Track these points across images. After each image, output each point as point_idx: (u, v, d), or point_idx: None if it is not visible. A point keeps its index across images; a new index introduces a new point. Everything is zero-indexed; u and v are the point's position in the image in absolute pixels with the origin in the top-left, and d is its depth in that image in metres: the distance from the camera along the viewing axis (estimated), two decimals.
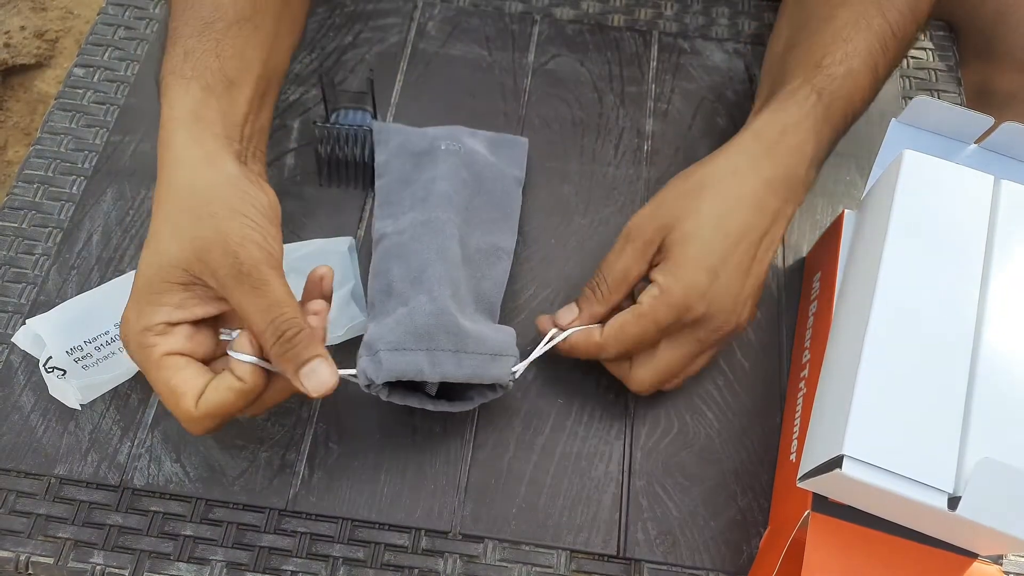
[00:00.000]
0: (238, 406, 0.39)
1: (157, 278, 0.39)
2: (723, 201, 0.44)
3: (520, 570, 0.45)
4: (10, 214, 0.54)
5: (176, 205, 0.40)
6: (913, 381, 0.37)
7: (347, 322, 0.48)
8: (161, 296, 0.39)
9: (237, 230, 0.39)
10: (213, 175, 0.41)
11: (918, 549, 0.39)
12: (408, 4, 0.64)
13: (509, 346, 0.44)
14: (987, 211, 0.41)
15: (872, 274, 0.40)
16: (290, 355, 0.38)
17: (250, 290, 0.38)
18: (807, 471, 0.39)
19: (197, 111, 0.42)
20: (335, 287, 0.49)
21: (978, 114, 0.46)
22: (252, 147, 0.45)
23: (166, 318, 0.39)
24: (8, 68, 1.35)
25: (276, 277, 0.39)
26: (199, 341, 0.40)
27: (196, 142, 0.41)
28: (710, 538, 0.46)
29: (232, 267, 0.38)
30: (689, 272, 0.43)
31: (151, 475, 0.46)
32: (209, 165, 0.41)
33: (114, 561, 0.44)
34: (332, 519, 0.45)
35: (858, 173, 0.57)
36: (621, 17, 0.64)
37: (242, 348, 0.39)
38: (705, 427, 0.49)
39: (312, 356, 0.38)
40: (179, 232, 0.39)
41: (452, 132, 0.54)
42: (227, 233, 0.38)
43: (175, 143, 0.41)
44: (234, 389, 0.38)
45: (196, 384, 0.38)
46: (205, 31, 0.44)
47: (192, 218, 0.39)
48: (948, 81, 0.62)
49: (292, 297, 0.39)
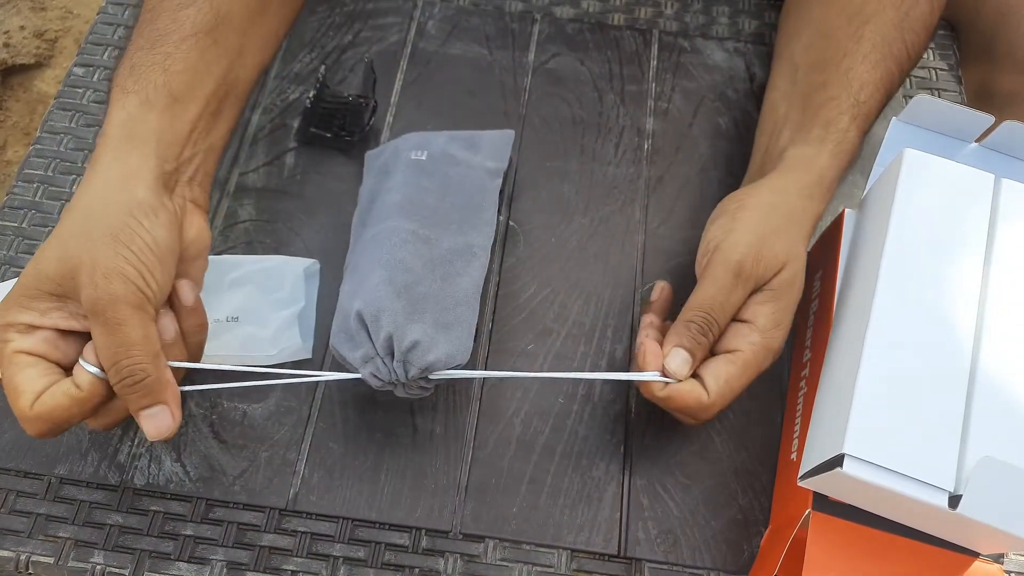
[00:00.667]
0: (72, 412, 0.38)
1: (32, 283, 0.38)
2: (800, 247, 0.44)
3: (521, 569, 0.45)
4: (10, 214, 0.54)
5: (70, 220, 0.39)
6: (914, 380, 0.37)
7: (284, 344, 0.48)
8: (31, 301, 0.38)
9: (108, 260, 0.37)
10: (116, 198, 0.39)
11: (919, 548, 0.39)
12: (408, 3, 0.64)
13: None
14: (987, 210, 0.41)
15: (873, 273, 0.40)
16: (131, 399, 0.38)
17: (103, 325, 0.37)
18: (808, 470, 0.39)
19: (131, 127, 0.41)
20: (281, 306, 0.49)
21: (979, 113, 0.46)
22: (192, 169, 0.44)
23: (28, 320, 0.38)
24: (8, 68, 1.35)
25: (135, 316, 0.38)
26: (64, 351, 0.39)
27: (118, 161, 0.41)
28: (711, 537, 0.46)
29: (90, 297, 0.37)
30: (788, 318, 0.43)
31: (151, 475, 0.46)
32: (119, 188, 0.40)
33: (114, 561, 0.44)
34: (332, 518, 0.45)
35: (859, 172, 0.57)
36: (621, 16, 0.64)
37: (90, 358, 0.38)
38: (706, 426, 0.49)
39: (152, 403, 0.39)
40: (61, 247, 0.38)
41: (426, 138, 0.52)
42: (96, 261, 0.37)
43: (99, 159, 0.41)
44: (70, 395, 0.38)
45: (36, 385, 0.38)
46: (157, 44, 0.43)
47: (74, 237, 0.38)
48: (949, 80, 0.62)
49: (147, 340, 0.38)
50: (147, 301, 0.38)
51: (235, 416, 0.48)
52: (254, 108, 0.58)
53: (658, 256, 0.54)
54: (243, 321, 0.49)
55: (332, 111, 0.56)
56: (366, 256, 0.46)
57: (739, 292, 0.42)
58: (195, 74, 0.44)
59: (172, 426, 0.40)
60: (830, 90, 0.48)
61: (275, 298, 0.49)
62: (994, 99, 0.64)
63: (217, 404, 0.48)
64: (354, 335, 0.43)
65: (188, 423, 0.47)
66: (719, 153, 0.58)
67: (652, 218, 0.56)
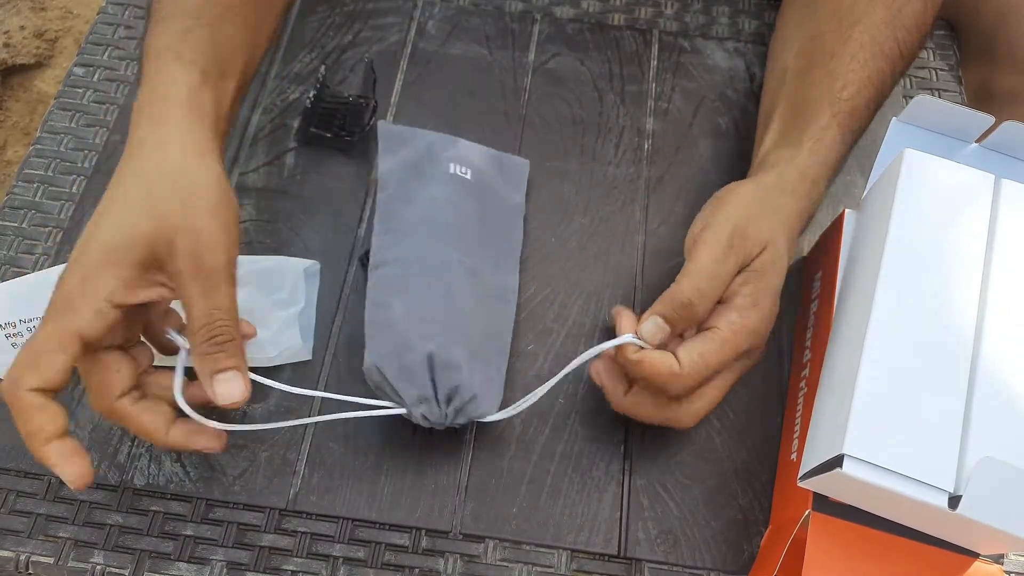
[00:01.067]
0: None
1: (122, 247, 0.37)
2: (789, 238, 0.44)
3: (521, 570, 0.45)
4: (10, 214, 0.54)
5: (159, 184, 0.39)
6: (914, 380, 0.37)
7: (285, 345, 0.48)
8: (119, 269, 0.37)
9: (210, 230, 0.39)
10: (201, 168, 0.40)
11: (919, 548, 0.39)
12: (408, 3, 0.64)
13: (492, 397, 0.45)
14: (988, 210, 0.41)
15: (873, 273, 0.40)
16: (213, 357, 0.39)
17: (202, 288, 0.38)
18: (808, 470, 0.39)
19: (193, 98, 0.41)
20: (281, 307, 0.49)
21: (979, 113, 0.46)
22: (222, 144, 0.44)
23: (114, 295, 0.37)
24: (8, 68, 1.35)
25: (228, 285, 0.39)
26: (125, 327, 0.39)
27: (190, 129, 0.41)
28: (711, 537, 0.46)
29: (194, 263, 0.38)
30: (768, 300, 0.42)
31: (151, 475, 0.46)
32: (198, 156, 0.40)
33: (114, 561, 0.44)
34: (332, 519, 0.45)
35: (859, 173, 0.57)
36: (621, 16, 0.64)
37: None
38: (706, 426, 0.49)
39: (233, 366, 0.39)
40: (155, 211, 0.38)
41: (460, 149, 0.52)
42: (200, 230, 0.38)
43: (169, 120, 0.41)
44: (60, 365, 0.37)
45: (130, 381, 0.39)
46: (203, 13, 0.43)
47: (172, 203, 0.38)
48: (949, 80, 0.62)
49: (235, 308, 0.40)
50: (234, 269, 0.40)
51: (235, 416, 0.48)
52: (254, 108, 0.58)
53: (658, 256, 0.54)
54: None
55: (332, 111, 0.56)
56: (422, 283, 0.46)
57: (730, 263, 0.42)
58: (233, 48, 0.44)
59: (245, 394, 0.40)
60: (813, 90, 0.48)
61: (275, 299, 0.49)
62: (994, 99, 0.64)
63: None
64: (414, 372, 0.43)
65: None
66: (719, 153, 0.58)
67: (652, 218, 0.56)
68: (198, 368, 0.39)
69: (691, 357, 0.40)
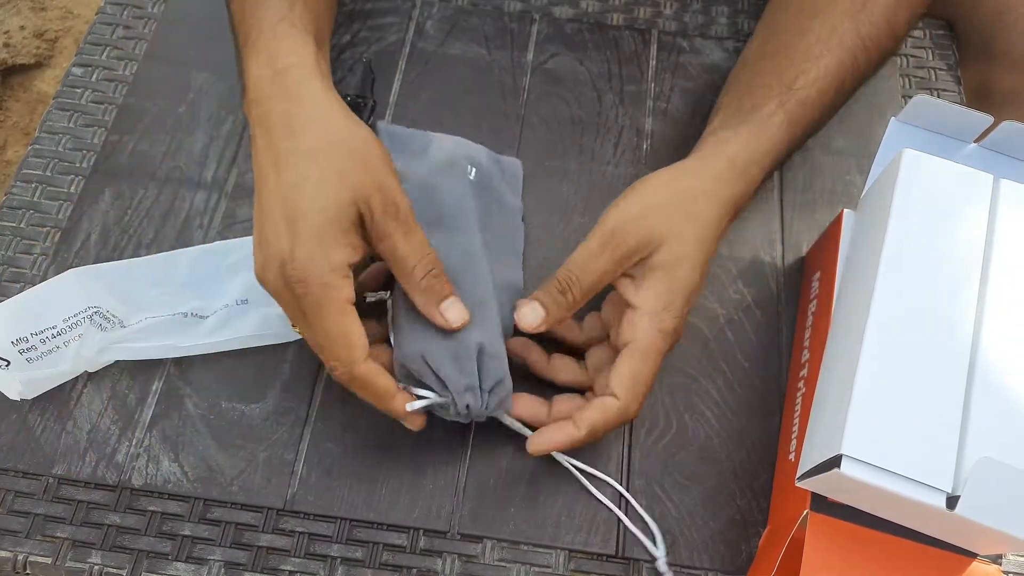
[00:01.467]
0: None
1: (338, 216, 0.39)
2: (703, 227, 0.44)
3: (519, 570, 0.45)
4: (8, 214, 0.54)
5: (340, 155, 0.41)
6: (912, 380, 0.37)
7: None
8: (345, 235, 0.40)
9: (391, 183, 0.41)
10: (359, 128, 0.42)
11: (917, 549, 0.38)
12: (407, 3, 0.64)
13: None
14: (986, 210, 0.41)
15: (871, 273, 0.40)
16: (436, 287, 0.42)
17: (404, 234, 0.41)
18: (806, 470, 0.39)
19: (320, 64, 0.43)
20: None
21: (977, 113, 0.46)
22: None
23: (349, 259, 0.40)
24: (7, 68, 1.35)
25: (417, 225, 0.42)
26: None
27: (329, 96, 0.43)
28: (709, 538, 0.46)
29: (393, 214, 0.41)
30: (679, 300, 0.43)
31: (149, 475, 0.46)
32: (351, 119, 0.42)
33: (112, 561, 0.44)
34: (330, 519, 0.45)
35: (858, 173, 0.57)
36: (620, 16, 0.64)
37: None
38: (704, 427, 0.48)
39: (450, 293, 0.42)
40: (346, 176, 0.40)
41: (470, 152, 0.52)
42: (387, 186, 0.41)
43: (311, 88, 0.42)
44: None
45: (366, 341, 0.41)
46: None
47: (359, 168, 0.40)
48: (947, 80, 0.62)
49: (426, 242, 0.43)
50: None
51: (233, 416, 0.48)
52: None
53: None
54: (253, 303, 0.49)
55: None
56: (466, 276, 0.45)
57: (604, 258, 0.43)
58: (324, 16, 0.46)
59: (467, 315, 0.42)
60: (765, 78, 0.49)
61: None
62: (993, 98, 0.64)
63: (215, 404, 0.48)
64: (463, 362, 0.42)
65: (185, 423, 0.47)
66: None
67: None
68: (422, 303, 0.42)
69: (624, 385, 0.42)
